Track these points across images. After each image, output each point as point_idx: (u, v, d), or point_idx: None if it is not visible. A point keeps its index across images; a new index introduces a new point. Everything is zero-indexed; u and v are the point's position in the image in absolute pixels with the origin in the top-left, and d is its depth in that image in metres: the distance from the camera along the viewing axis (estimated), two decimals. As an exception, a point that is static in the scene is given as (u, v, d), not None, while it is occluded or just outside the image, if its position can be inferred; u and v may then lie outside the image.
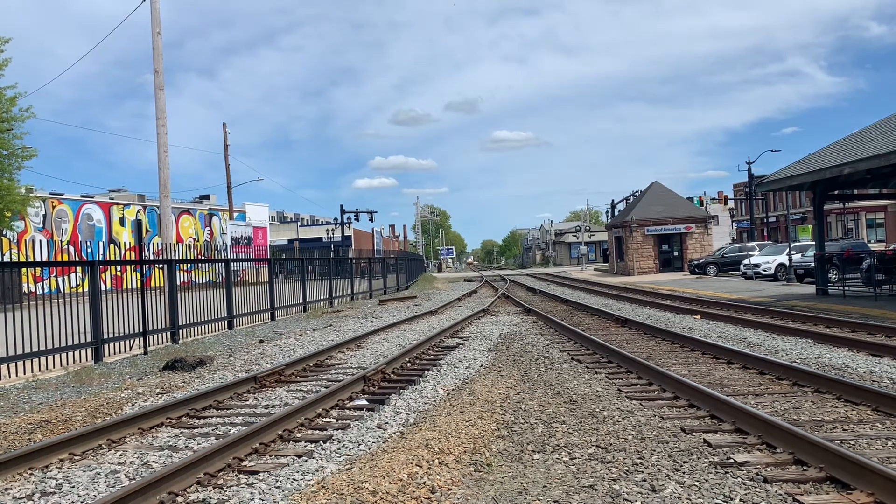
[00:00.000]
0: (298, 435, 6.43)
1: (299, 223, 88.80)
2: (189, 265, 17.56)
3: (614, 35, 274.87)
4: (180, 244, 16.41)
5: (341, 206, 63.24)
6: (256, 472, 5.30)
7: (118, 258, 14.35)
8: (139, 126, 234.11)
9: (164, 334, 14.18)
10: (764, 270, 31.85)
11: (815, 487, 4.60)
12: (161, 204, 17.75)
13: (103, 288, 12.46)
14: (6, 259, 11.87)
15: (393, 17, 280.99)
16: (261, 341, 14.22)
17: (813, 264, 22.38)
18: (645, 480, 4.80)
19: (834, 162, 17.55)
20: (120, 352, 12.72)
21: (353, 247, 59.27)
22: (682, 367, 9.37)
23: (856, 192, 23.65)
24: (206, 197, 60.81)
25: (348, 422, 6.89)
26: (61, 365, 11.19)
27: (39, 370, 10.88)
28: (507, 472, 5.13)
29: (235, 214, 47.00)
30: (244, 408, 7.87)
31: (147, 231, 34.00)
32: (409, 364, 10.42)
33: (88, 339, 11.83)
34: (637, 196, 56.24)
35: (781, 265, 30.47)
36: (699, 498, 4.44)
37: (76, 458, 5.92)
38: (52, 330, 10.97)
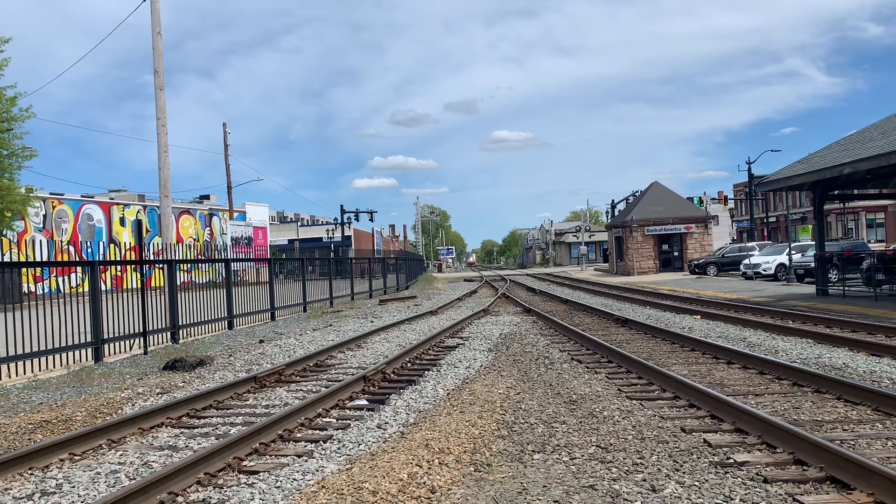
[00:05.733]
0: (298, 435, 6.43)
1: (299, 223, 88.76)
2: (189, 265, 17.57)
3: (612, 36, 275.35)
4: (180, 244, 16.42)
5: (341, 206, 63.33)
6: (257, 472, 5.30)
7: (118, 258, 14.35)
8: (139, 126, 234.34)
9: (164, 334, 14.18)
10: (764, 270, 31.85)
11: (815, 487, 4.60)
12: (161, 204, 17.74)
13: (103, 288, 12.45)
14: (6, 259, 11.88)
15: (392, 18, 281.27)
16: (261, 341, 14.22)
17: (813, 264, 22.38)
18: (645, 480, 4.80)
19: (834, 162, 17.55)
20: (120, 352, 12.72)
21: (353, 247, 59.24)
22: (682, 367, 9.37)
23: (856, 192, 23.65)
24: (206, 197, 60.87)
25: (348, 422, 6.90)
26: (62, 365, 11.19)
27: (40, 370, 10.87)
28: (507, 472, 5.13)
29: (235, 214, 47.00)
30: (244, 408, 7.87)
31: (147, 231, 34.01)
32: (409, 364, 10.42)
33: (88, 339, 11.83)
34: (637, 196, 56.26)
35: (781, 265, 30.47)
36: (699, 498, 4.44)
37: (76, 458, 5.92)
38: (53, 330, 10.96)
